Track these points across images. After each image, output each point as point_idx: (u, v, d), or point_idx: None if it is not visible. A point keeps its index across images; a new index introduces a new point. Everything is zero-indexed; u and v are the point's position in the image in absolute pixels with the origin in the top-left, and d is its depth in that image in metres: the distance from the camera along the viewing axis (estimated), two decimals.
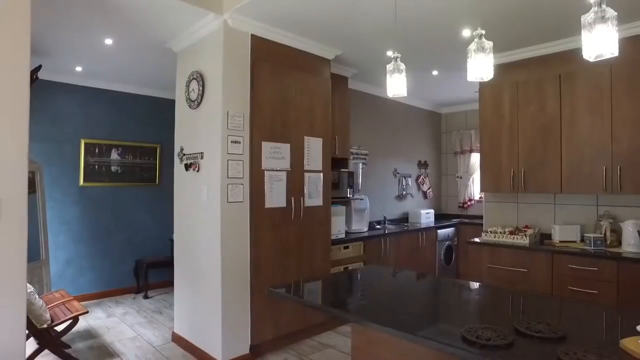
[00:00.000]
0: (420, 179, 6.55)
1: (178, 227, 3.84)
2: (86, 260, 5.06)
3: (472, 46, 2.11)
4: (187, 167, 3.65)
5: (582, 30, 1.70)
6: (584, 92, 3.58)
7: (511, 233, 3.88)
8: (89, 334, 3.92)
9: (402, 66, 2.42)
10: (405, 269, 3.84)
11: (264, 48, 3.51)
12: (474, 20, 3.25)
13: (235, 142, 3.31)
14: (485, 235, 4.06)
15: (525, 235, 3.75)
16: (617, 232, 3.48)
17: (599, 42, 1.65)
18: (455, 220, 6.26)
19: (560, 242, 3.67)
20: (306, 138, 3.80)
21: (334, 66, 4.31)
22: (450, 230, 5.98)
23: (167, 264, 5.17)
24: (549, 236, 3.89)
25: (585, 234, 3.54)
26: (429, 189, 6.68)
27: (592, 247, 3.39)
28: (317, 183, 3.87)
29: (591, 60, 1.73)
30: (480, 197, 6.37)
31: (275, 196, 3.52)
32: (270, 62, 3.54)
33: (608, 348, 1.35)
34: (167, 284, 5.35)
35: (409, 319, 1.72)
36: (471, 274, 4.07)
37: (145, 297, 5.19)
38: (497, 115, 4.13)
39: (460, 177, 6.70)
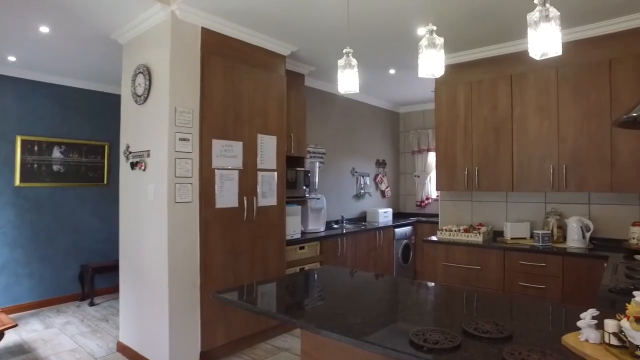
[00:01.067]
0: (379, 177, 6.57)
1: (123, 229, 3.61)
2: (23, 267, 4.68)
3: (423, 42, 2.07)
4: (132, 165, 3.44)
5: (529, 29, 1.72)
6: (533, 93, 3.68)
7: (465, 231, 3.94)
8: (20, 349, 3.59)
9: (354, 62, 2.36)
10: (362, 269, 3.82)
11: (215, 42, 3.36)
12: (429, 19, 3.24)
13: (184, 139, 3.14)
14: (441, 233, 4.10)
15: (479, 233, 3.81)
16: (563, 229, 3.60)
17: (544, 40, 1.68)
18: (413, 219, 6.33)
19: (511, 239, 3.76)
20: (259, 136, 3.67)
21: (289, 63, 4.21)
22: (407, 229, 6.03)
23: (115, 268, 4.84)
24: (501, 233, 3.98)
25: (534, 231, 3.64)
26: (387, 187, 6.71)
27: (540, 244, 3.48)
28: (271, 182, 3.76)
29: (537, 58, 1.74)
30: (437, 196, 6.48)
31: (227, 196, 3.38)
32: (222, 56, 3.40)
33: (551, 345, 1.34)
34: (116, 289, 5.03)
35: (359, 322, 1.65)
36: (428, 273, 4.11)
37: (91, 304, 4.88)
38: (452, 115, 4.18)
39: (418, 176, 6.78)
